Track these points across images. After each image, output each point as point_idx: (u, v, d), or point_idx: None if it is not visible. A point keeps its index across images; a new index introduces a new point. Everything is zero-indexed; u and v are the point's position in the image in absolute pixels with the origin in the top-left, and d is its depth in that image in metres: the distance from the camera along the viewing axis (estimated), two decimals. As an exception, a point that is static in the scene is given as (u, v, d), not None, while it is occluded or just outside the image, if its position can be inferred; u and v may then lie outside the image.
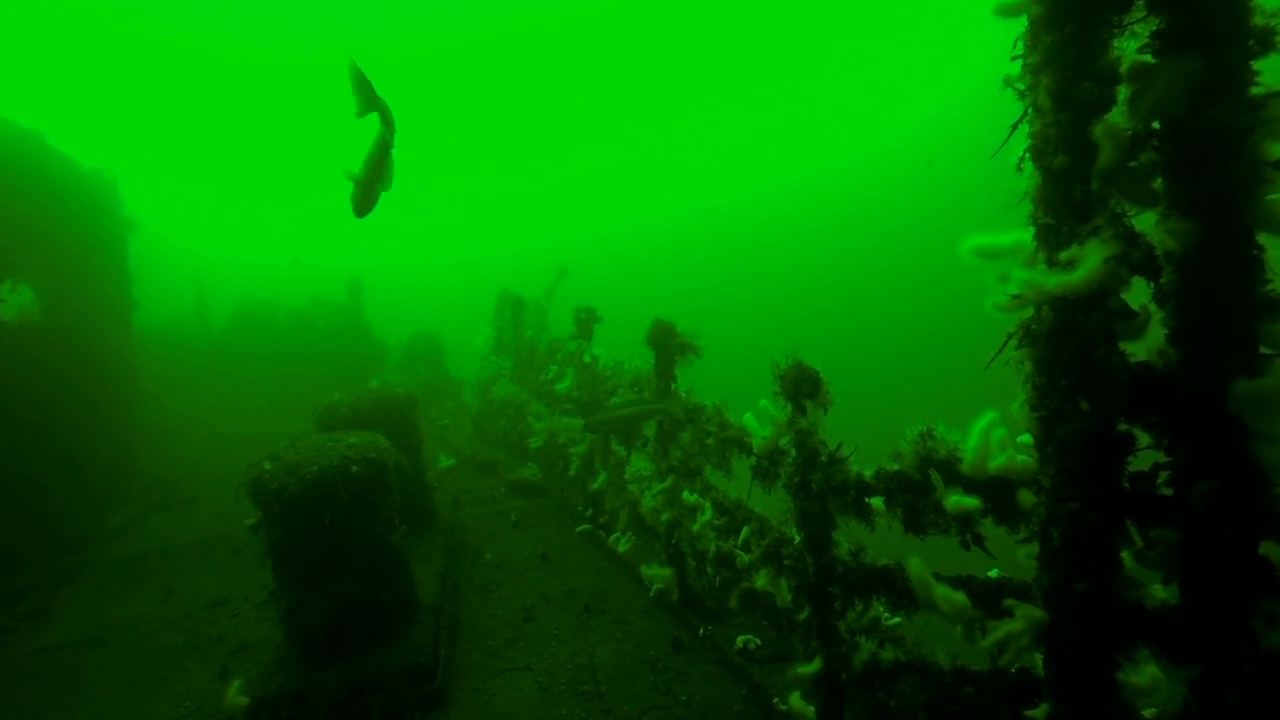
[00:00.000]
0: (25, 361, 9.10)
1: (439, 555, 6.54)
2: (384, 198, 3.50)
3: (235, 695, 4.72)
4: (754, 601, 4.99)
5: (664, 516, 5.84)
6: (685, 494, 5.43)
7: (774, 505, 4.37)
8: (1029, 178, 2.67)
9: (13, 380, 8.84)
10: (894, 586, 3.39)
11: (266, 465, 4.64)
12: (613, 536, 7.28)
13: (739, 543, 4.65)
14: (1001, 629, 2.70)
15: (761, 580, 4.25)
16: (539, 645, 5.62)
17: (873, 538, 3.54)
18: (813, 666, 3.69)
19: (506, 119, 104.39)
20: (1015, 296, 2.75)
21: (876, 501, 3.43)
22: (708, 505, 5.15)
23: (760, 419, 4.24)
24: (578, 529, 7.87)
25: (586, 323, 7.70)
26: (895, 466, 3.33)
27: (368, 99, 3.19)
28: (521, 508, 8.82)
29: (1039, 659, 2.79)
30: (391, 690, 4.65)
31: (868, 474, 3.47)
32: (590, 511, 7.94)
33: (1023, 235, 2.77)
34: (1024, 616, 2.66)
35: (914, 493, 3.26)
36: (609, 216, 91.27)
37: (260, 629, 6.25)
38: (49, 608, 7.52)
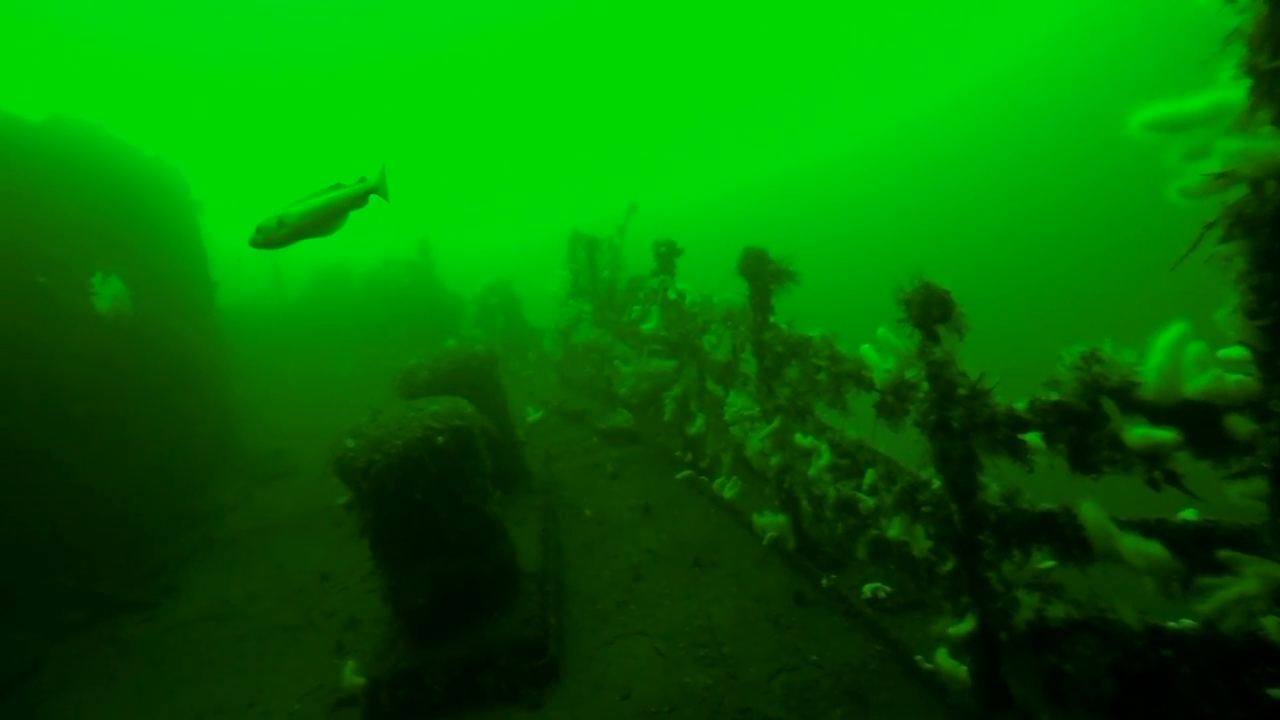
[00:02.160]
0: (125, 350, 9.32)
1: (536, 516, 6.32)
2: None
3: (351, 675, 4.65)
4: (885, 551, 4.55)
5: (774, 460, 5.41)
6: (798, 436, 4.97)
7: (902, 444, 3.90)
8: (1241, 11, 2.03)
9: (116, 370, 9.08)
10: (1060, 534, 2.88)
11: (349, 443, 4.43)
12: (716, 481, 6.92)
13: (864, 487, 4.18)
14: (1230, 590, 2.19)
15: (895, 529, 3.79)
16: (651, 606, 5.34)
17: (1030, 479, 3.03)
18: (966, 625, 3.24)
19: (572, 87, 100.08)
20: (1220, 175, 2.15)
21: (1033, 437, 2.91)
22: (824, 447, 4.69)
23: (880, 350, 3.72)
24: (678, 476, 7.54)
25: (667, 257, 7.22)
26: (1054, 396, 2.79)
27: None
28: (617, 457, 8.54)
29: (1271, 621, 2.27)
30: (504, 666, 4.45)
31: (1020, 406, 2.94)
32: (690, 457, 7.59)
33: (1226, 94, 2.15)
34: (1259, 574, 2.13)
35: (1081, 425, 2.72)
36: (676, 185, 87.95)
37: (368, 601, 6.22)
38: (179, 583, 7.85)
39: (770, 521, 5.68)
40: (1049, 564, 3.00)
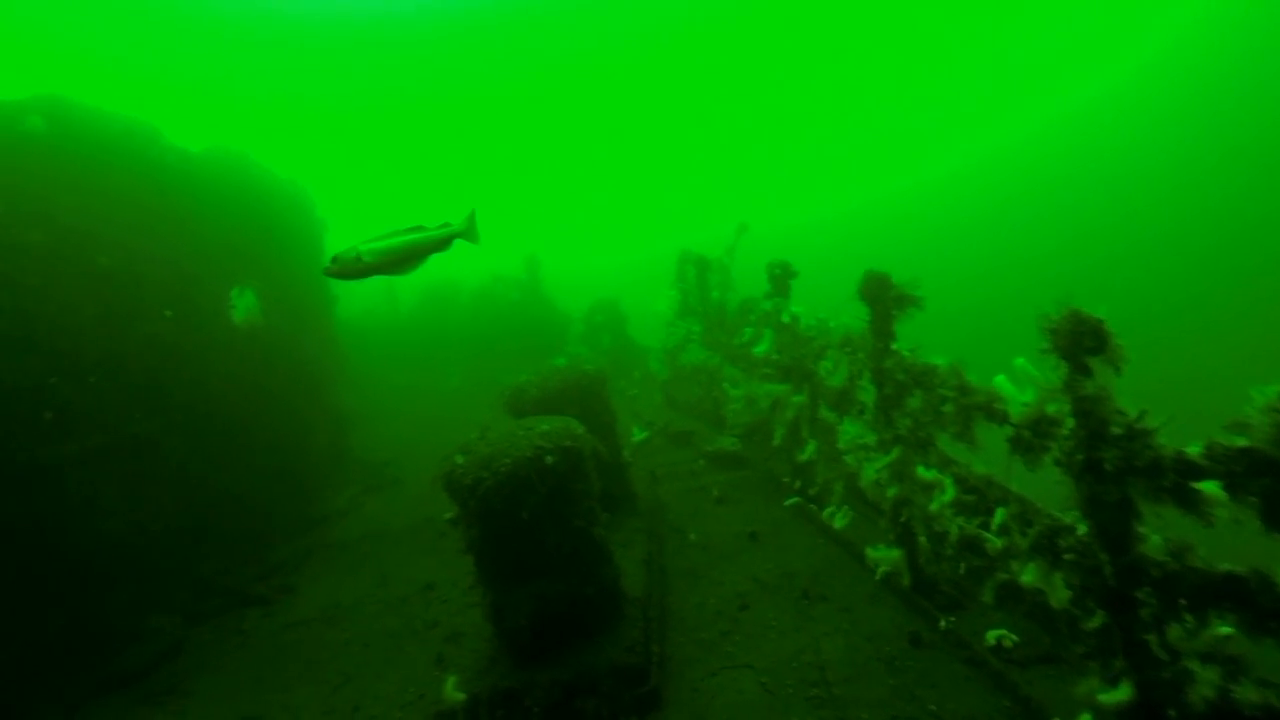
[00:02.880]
0: (256, 360, 9.86)
1: (641, 539, 6.22)
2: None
3: (452, 690, 4.64)
4: (1015, 597, 4.19)
5: (890, 492, 5.14)
6: (919, 468, 4.69)
7: (1037, 483, 3.59)
8: None
9: (248, 378, 9.61)
10: (1251, 602, 2.52)
11: (458, 459, 4.45)
12: (826, 511, 6.65)
13: (994, 526, 3.87)
14: None
15: (1029, 575, 3.47)
16: (757, 638, 5.13)
17: (1207, 534, 2.68)
18: (1120, 694, 2.91)
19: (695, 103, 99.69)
20: None
21: (1210, 487, 2.57)
22: (948, 482, 4.40)
23: (1017, 381, 3.44)
24: (786, 503, 7.30)
25: (782, 279, 7.03)
26: (1241, 441, 2.46)
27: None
28: (723, 481, 8.34)
29: None
30: (605, 693, 4.35)
31: (1193, 450, 2.61)
32: (799, 484, 7.33)
33: None
34: None
35: (1278, 478, 2.37)
36: (785, 204, 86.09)
37: (469, 615, 6.24)
38: (295, 583, 8.15)
39: (884, 556, 5.40)
40: (1226, 630, 2.65)
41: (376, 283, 20.39)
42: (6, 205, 6.92)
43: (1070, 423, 2.92)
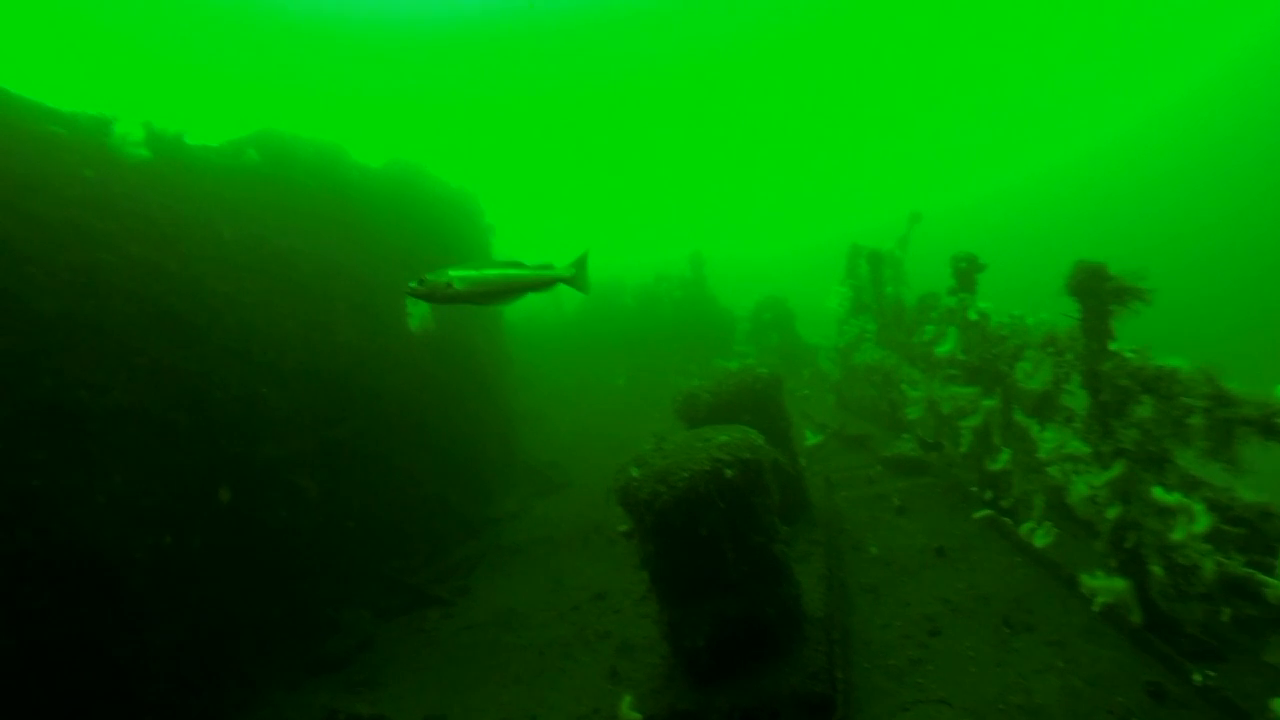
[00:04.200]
0: (432, 365, 10.31)
1: (819, 553, 5.86)
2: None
3: (628, 710, 4.53)
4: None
5: (1110, 512, 4.53)
6: (1156, 490, 4.06)
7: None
8: None
9: (427, 384, 10.07)
10: None
11: (634, 471, 4.31)
12: (1024, 526, 6.01)
13: (1278, 568, 3.23)
14: None
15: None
16: (953, 670, 4.66)
17: None
18: None
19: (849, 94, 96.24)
20: None
21: None
22: (1199, 507, 3.76)
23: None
24: (975, 515, 6.69)
25: (968, 273, 6.44)
26: None
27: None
28: (903, 489, 7.79)
29: None
30: (788, 722, 4.10)
31: None
32: (989, 495, 6.70)
33: None
34: None
35: None
36: (953, 186, 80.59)
37: (641, 626, 6.12)
38: (470, 586, 8.37)
39: (1104, 585, 4.76)
40: None
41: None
42: (234, 233, 7.57)
43: None
